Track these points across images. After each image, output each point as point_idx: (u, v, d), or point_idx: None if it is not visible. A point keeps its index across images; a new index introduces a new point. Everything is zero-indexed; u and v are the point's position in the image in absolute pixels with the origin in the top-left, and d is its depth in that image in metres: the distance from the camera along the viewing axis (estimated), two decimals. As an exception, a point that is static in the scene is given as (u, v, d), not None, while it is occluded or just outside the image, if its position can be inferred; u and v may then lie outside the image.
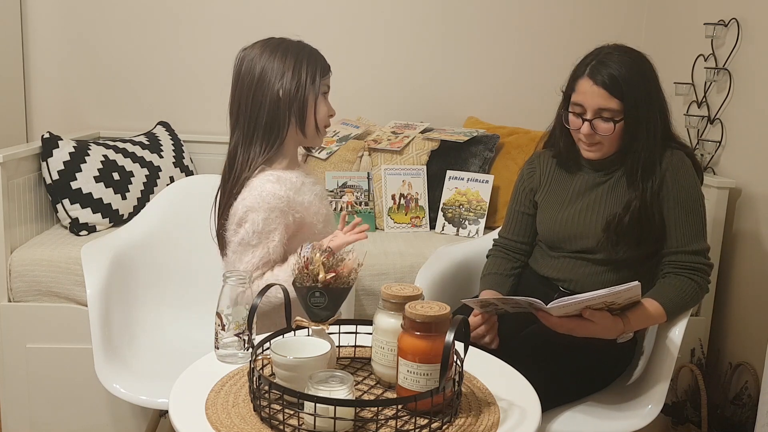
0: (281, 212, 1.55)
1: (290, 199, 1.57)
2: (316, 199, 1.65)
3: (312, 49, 1.64)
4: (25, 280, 2.16)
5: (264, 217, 1.54)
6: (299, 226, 1.61)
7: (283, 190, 1.56)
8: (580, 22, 3.02)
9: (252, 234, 1.55)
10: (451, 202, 2.62)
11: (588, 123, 1.59)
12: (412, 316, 1.16)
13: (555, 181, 1.77)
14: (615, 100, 1.55)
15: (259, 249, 1.55)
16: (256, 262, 1.56)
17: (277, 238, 1.56)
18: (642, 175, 1.59)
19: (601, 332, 1.51)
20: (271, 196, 1.55)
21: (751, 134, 2.27)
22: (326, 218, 1.69)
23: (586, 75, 1.59)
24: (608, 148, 1.62)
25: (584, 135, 1.61)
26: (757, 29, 2.26)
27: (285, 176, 1.60)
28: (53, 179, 2.36)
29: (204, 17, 2.92)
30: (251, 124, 1.59)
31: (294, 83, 1.57)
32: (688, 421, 2.18)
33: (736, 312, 2.29)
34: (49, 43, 2.89)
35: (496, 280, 1.79)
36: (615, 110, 1.56)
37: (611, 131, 1.58)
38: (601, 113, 1.58)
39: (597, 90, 1.56)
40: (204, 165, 2.87)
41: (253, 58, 1.60)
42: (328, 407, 1.07)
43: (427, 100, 3.04)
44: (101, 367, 1.69)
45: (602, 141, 1.61)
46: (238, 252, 1.57)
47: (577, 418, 1.58)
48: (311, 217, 1.63)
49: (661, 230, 1.62)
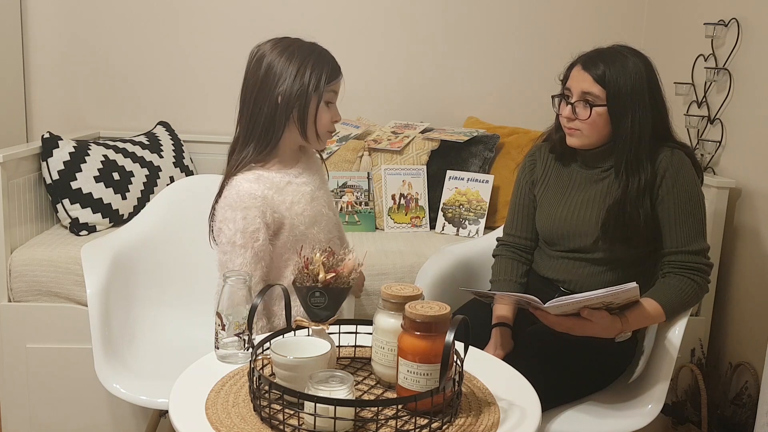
0: (258, 210, 1.55)
1: (267, 197, 1.57)
2: (302, 200, 1.62)
3: (322, 54, 1.60)
4: (25, 280, 2.16)
5: (242, 216, 1.54)
6: (279, 226, 1.59)
7: (261, 189, 1.56)
8: (580, 22, 3.02)
9: (235, 233, 1.55)
10: (451, 202, 2.62)
11: (571, 106, 1.63)
12: (412, 316, 1.16)
13: (553, 176, 1.78)
14: (597, 85, 1.60)
15: (248, 249, 1.55)
16: (248, 261, 1.56)
17: (261, 237, 1.56)
18: (626, 169, 1.60)
19: (599, 331, 1.52)
20: (247, 195, 1.55)
21: (751, 134, 2.27)
22: (313, 220, 1.64)
23: (578, 63, 1.65)
24: (588, 135, 1.64)
25: (564, 117, 1.65)
26: (757, 29, 2.26)
27: (266, 175, 1.59)
28: (53, 179, 2.36)
29: (204, 17, 2.92)
30: (251, 124, 1.59)
31: (295, 88, 1.55)
32: (688, 421, 2.18)
33: (736, 312, 2.29)
34: (49, 43, 2.89)
35: (508, 287, 1.78)
36: (596, 96, 1.60)
37: (587, 116, 1.61)
38: (584, 97, 1.61)
39: (583, 74, 1.62)
40: (204, 165, 2.87)
41: (261, 57, 1.58)
42: (328, 407, 1.07)
43: (427, 100, 3.04)
44: (101, 367, 1.69)
45: (581, 128, 1.63)
46: (229, 252, 1.57)
47: (577, 418, 1.58)
48: (293, 218, 1.60)
49: (652, 229, 1.62)
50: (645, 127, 1.60)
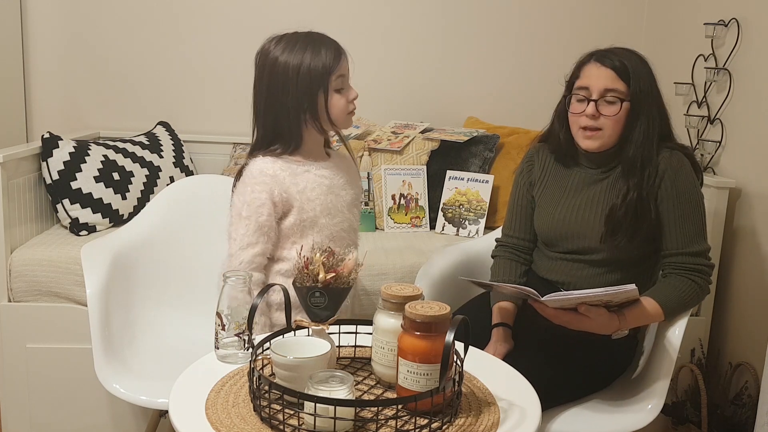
0: (266, 186, 1.60)
1: (278, 177, 1.61)
2: (317, 188, 1.64)
3: (317, 44, 1.60)
4: (25, 280, 2.16)
5: (251, 190, 1.60)
6: (287, 207, 1.62)
7: (273, 169, 1.61)
8: (580, 22, 3.02)
9: (242, 204, 1.61)
10: (451, 202, 2.62)
11: (593, 103, 1.59)
12: (412, 316, 1.16)
13: (552, 177, 1.77)
14: (621, 82, 1.58)
15: (252, 222, 1.60)
16: (250, 233, 1.60)
17: (266, 212, 1.60)
18: (641, 166, 1.60)
19: (596, 328, 1.52)
20: (258, 171, 1.61)
21: (751, 134, 2.27)
22: (326, 210, 1.65)
23: (592, 60, 1.63)
24: (608, 136, 1.61)
25: (588, 115, 1.60)
26: (757, 29, 2.26)
27: (286, 159, 1.63)
28: (53, 179, 2.36)
29: (204, 17, 2.92)
30: (268, 130, 1.64)
31: (300, 91, 1.58)
32: (688, 421, 2.18)
33: (736, 312, 2.29)
34: (49, 43, 2.89)
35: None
36: (621, 92, 1.58)
37: (616, 112, 1.58)
38: (606, 94, 1.59)
39: (605, 71, 1.59)
40: (204, 165, 2.87)
41: (265, 63, 1.61)
42: (328, 407, 1.07)
43: (427, 100, 3.04)
44: (101, 367, 1.69)
45: (603, 126, 1.60)
46: (234, 223, 1.62)
47: (577, 417, 1.58)
48: (303, 203, 1.62)
49: (657, 228, 1.62)
50: (655, 126, 1.60)
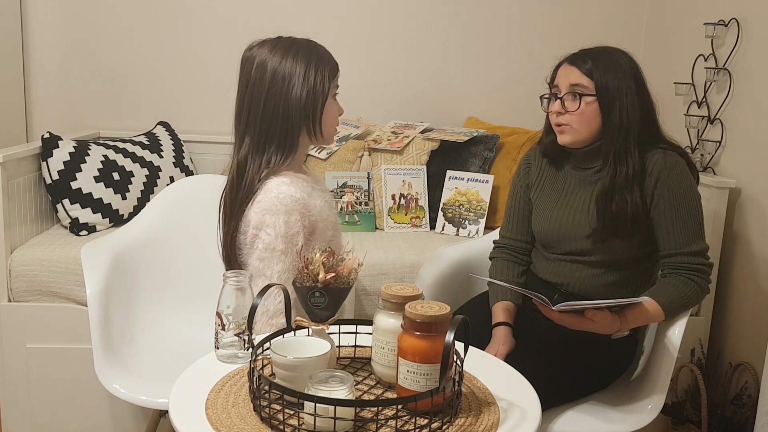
0: (300, 214, 1.50)
1: (304, 201, 1.52)
2: (326, 205, 1.61)
3: (321, 50, 1.59)
4: (25, 280, 2.16)
5: (285, 219, 1.48)
6: (311, 231, 1.55)
7: (298, 192, 1.51)
8: (580, 22, 3.02)
9: (276, 238, 1.48)
10: (451, 202, 2.62)
11: (560, 100, 1.65)
12: (412, 316, 1.16)
13: (547, 179, 1.78)
14: (585, 77, 1.62)
15: (288, 255, 1.49)
16: (288, 268, 1.50)
17: (300, 241, 1.50)
18: (614, 158, 1.61)
19: (598, 329, 1.55)
20: (289, 198, 1.49)
21: (751, 134, 2.27)
22: (335, 225, 1.65)
23: (566, 61, 1.68)
24: (578, 129, 1.64)
25: (554, 112, 1.66)
26: (757, 29, 2.26)
27: (298, 179, 1.56)
28: (53, 179, 2.36)
29: (204, 17, 2.92)
30: (262, 133, 1.55)
31: (305, 91, 1.53)
32: (688, 421, 2.18)
33: (736, 312, 2.29)
34: (49, 43, 2.89)
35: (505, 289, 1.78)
36: (585, 86, 1.62)
37: (577, 107, 1.62)
38: (573, 89, 1.63)
39: (570, 69, 1.65)
40: (204, 165, 2.87)
41: (263, 62, 1.54)
42: (328, 407, 1.06)
43: (427, 100, 3.04)
44: (101, 367, 1.69)
45: (570, 122, 1.64)
46: (266, 259, 1.50)
47: (577, 417, 1.59)
48: (322, 222, 1.58)
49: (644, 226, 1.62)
50: (633, 117, 1.61)
